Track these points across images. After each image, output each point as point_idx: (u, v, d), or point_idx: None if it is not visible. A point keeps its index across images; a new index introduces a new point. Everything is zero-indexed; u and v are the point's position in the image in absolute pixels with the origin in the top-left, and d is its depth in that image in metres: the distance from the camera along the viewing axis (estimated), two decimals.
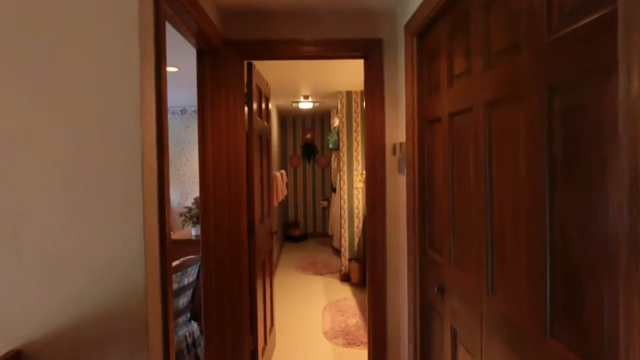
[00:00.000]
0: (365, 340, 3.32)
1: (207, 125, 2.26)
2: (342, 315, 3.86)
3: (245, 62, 2.43)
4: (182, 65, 3.59)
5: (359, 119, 5.14)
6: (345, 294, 4.55)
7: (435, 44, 1.77)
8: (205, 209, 2.30)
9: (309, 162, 7.96)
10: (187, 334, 2.89)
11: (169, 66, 3.63)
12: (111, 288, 1.18)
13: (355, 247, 5.04)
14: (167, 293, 1.34)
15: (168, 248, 1.35)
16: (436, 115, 1.76)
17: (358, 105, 5.14)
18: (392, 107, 2.36)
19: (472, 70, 1.37)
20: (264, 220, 2.92)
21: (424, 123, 1.95)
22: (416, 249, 2.00)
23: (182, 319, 2.89)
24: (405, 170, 2.13)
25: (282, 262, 5.98)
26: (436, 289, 1.72)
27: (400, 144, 2.22)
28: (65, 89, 1.17)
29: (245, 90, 2.45)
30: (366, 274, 2.57)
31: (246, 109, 2.47)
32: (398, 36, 2.30)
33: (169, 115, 6.02)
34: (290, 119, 7.91)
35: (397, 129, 2.34)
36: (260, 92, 2.80)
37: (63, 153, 1.17)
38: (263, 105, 2.96)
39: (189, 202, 5.03)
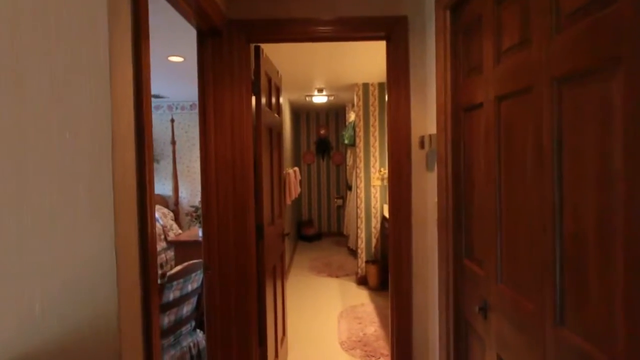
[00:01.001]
0: (386, 352, 3.05)
1: (209, 116, 2.01)
2: (360, 323, 3.59)
3: (253, 45, 2.17)
4: (190, 56, 3.37)
5: (376, 113, 4.84)
6: (362, 298, 4.28)
7: (474, 16, 1.47)
8: (208, 211, 2.06)
9: (323, 159, 7.70)
10: (191, 344, 2.67)
11: (174, 56, 3.40)
12: (72, 312, 0.94)
13: (373, 249, 4.76)
14: (150, 314, 1.10)
15: (151, 259, 1.10)
16: (476, 100, 1.47)
17: (375, 98, 4.84)
18: (419, 94, 2.08)
19: (532, 39, 1.08)
20: (275, 222, 2.67)
21: (458, 111, 1.66)
22: (449, 257, 1.71)
23: (186, 328, 2.67)
24: (436, 166, 1.84)
25: (295, 263, 5.74)
26: (477, 308, 1.43)
27: (430, 136, 1.93)
28: (12, 66, 0.92)
29: (253, 78, 2.20)
30: (389, 282, 2.30)
31: (254, 99, 2.22)
32: (426, 11, 2.00)
33: (178, 111, 5.84)
34: (303, 114, 7.65)
35: (425, 120, 2.06)
36: (269, 80, 2.54)
37: (8, 146, 0.93)
38: (273, 96, 2.70)
39: (199, 200, 4.83)
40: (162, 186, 5.92)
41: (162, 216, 5.43)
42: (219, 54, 2.02)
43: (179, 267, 2.42)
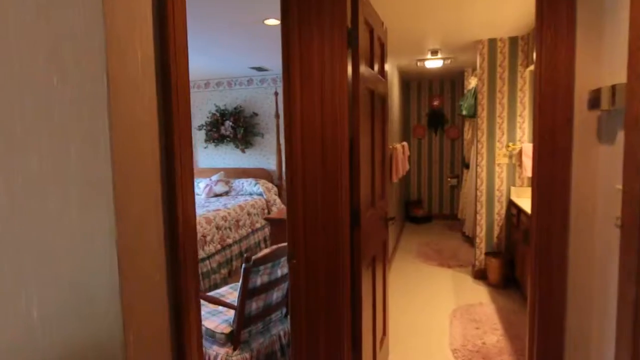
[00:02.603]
0: None
1: (293, 74, 1.65)
2: (478, 328, 3.00)
3: None
4: None
5: (505, 76, 3.97)
6: (480, 296, 3.63)
7: None
8: (292, 190, 1.72)
9: (435, 133, 6.91)
10: (281, 332, 2.46)
11: (271, 18, 3.13)
12: (67, 321, 0.66)
13: (495, 239, 4.01)
14: (182, 329, 0.79)
15: (186, 251, 0.79)
16: None
17: (505, 57, 3.96)
18: (591, 29, 1.39)
19: None
20: (376, 204, 2.25)
21: None
22: None
23: (276, 315, 2.46)
24: (623, 135, 1.18)
25: (401, 247, 5.25)
26: None
27: (613, 88, 1.26)
28: None
29: (349, 25, 1.75)
30: (528, 292, 1.71)
31: (350, 54, 1.78)
32: None
33: (269, 84, 5.68)
34: (414, 83, 6.91)
35: (600, 65, 1.37)
36: (371, 31, 2.06)
37: None
38: (376, 52, 2.22)
39: None
40: (266, 160, 5.93)
41: (265, 191, 5.44)
42: None
43: (266, 250, 2.18)
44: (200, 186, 5.49)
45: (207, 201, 5.00)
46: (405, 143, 5.10)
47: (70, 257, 0.66)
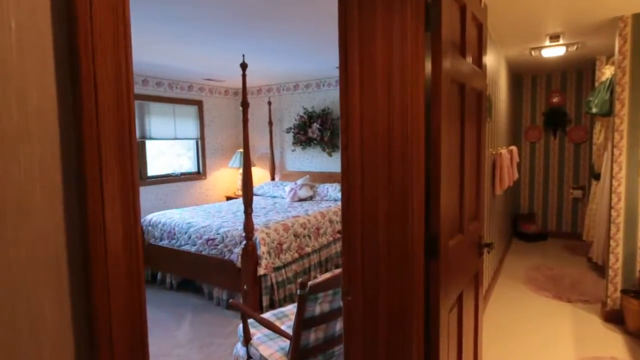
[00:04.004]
0: None
1: (351, 61, 1.31)
2: None
3: None
4: None
5: None
6: (612, 347, 2.80)
7: None
8: (349, 208, 1.38)
9: (554, 136, 5.84)
10: None
11: None
12: None
13: (638, 273, 3.09)
14: None
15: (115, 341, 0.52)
16: None
17: None
18: None
19: None
20: (465, 228, 1.77)
21: None
22: None
23: (339, 348, 2.13)
24: None
25: (505, 269, 4.48)
26: None
27: None
28: None
29: None
30: None
31: (430, 36, 1.37)
32: None
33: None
34: (527, 77, 5.94)
35: None
36: (462, 7, 1.61)
37: None
38: (468, 35, 1.74)
39: None
40: None
41: None
42: None
43: (326, 275, 1.87)
44: (286, 190, 5.44)
45: (290, 205, 4.90)
46: (514, 147, 4.34)
47: None
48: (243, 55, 3.48)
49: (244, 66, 3.31)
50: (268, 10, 2.80)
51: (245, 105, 3.34)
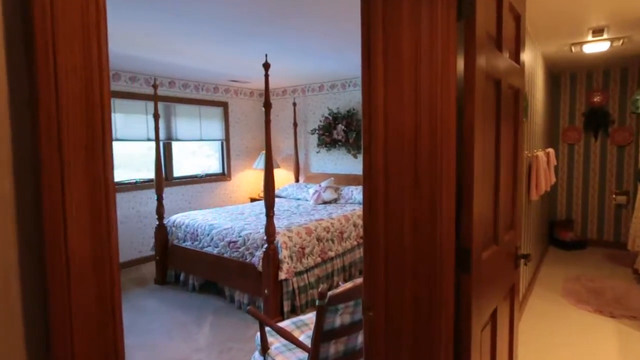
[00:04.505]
0: None
1: (375, 49, 1.19)
2: None
3: None
4: None
5: None
6: None
7: None
8: (371, 216, 1.27)
9: (595, 137, 5.48)
10: None
11: None
12: None
13: None
14: None
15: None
16: None
17: None
18: None
19: None
20: (500, 239, 1.61)
21: None
22: None
23: None
24: None
25: (541, 279, 4.21)
26: None
27: None
28: None
29: None
30: None
31: (463, 27, 1.24)
32: None
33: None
34: (566, 75, 5.61)
35: None
36: None
37: None
38: (505, 27, 1.59)
39: None
40: None
41: None
42: None
43: (347, 285, 1.76)
44: (310, 192, 5.35)
45: (313, 208, 4.80)
46: (551, 150, 4.08)
47: None
48: (266, 55, 3.42)
49: (266, 66, 3.25)
50: (290, 9, 2.72)
51: (267, 105, 3.27)
